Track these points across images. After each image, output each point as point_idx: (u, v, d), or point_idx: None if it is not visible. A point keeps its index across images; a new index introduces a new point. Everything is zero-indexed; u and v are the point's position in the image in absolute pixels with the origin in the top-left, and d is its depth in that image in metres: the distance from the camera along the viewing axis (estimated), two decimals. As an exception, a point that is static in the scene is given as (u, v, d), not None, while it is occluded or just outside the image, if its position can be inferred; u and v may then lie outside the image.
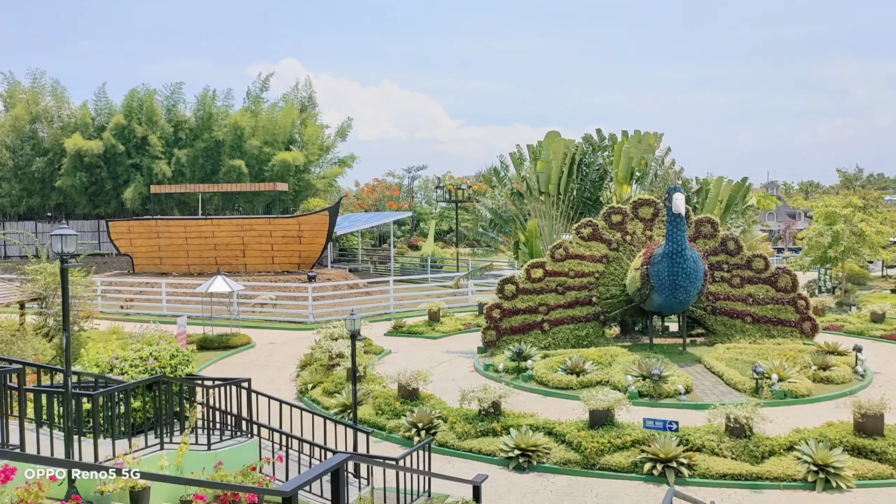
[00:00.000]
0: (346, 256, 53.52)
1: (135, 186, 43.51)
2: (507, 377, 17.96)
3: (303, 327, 27.10)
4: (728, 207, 23.48)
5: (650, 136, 23.06)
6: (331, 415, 14.64)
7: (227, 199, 46.28)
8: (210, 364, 20.94)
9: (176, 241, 36.18)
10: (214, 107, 46.00)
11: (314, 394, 16.64)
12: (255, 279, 33.30)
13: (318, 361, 18.64)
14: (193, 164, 44.53)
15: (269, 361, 21.44)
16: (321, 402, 16.02)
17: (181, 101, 46.90)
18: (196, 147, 44.63)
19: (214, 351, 22.51)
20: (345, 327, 15.90)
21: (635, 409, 14.03)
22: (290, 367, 20.11)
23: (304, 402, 16.47)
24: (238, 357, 22.13)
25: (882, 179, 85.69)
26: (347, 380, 16.50)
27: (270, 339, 25.02)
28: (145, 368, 11.71)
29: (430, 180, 76.81)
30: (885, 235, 32.79)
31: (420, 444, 10.86)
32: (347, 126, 51.73)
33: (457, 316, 27.75)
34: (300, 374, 18.38)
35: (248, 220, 37.00)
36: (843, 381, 16.80)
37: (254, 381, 16.28)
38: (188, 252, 36.28)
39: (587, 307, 20.77)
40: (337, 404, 15.37)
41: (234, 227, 36.08)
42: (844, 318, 24.81)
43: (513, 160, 25.01)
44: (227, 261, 35.80)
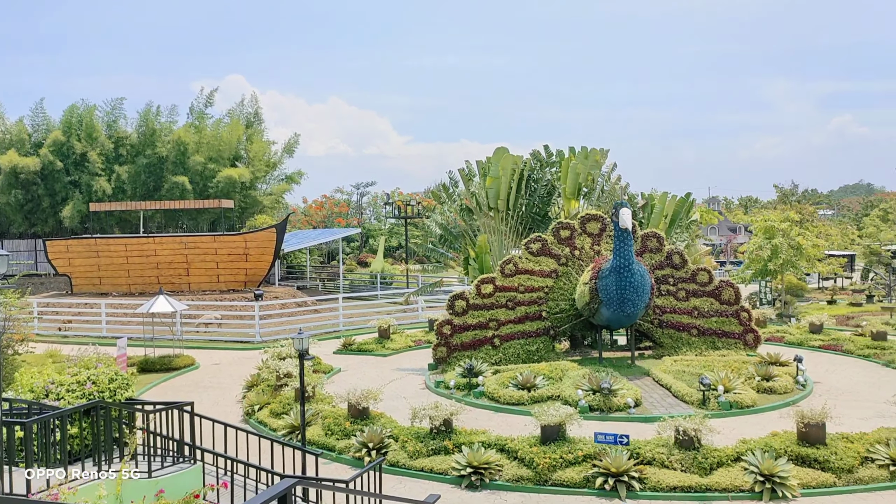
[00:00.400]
0: (294, 274, 52.80)
1: (73, 204, 42.18)
2: (459, 394, 17.85)
3: (249, 347, 26.53)
4: (673, 222, 23.93)
5: (596, 153, 23.38)
6: (278, 437, 14.31)
7: (171, 217, 45.22)
8: (152, 387, 20.28)
9: (116, 260, 35.11)
10: (157, 123, 45.01)
11: (261, 415, 16.23)
12: (200, 298, 32.51)
13: (266, 382, 18.22)
14: (135, 181, 43.41)
15: (213, 383, 20.88)
16: (268, 423, 15.62)
17: (122, 116, 45.81)
18: (138, 163, 43.54)
19: (156, 373, 21.82)
20: (293, 346, 15.58)
21: (586, 424, 14.07)
22: (236, 389, 19.62)
23: (251, 424, 16.05)
24: (181, 379, 21.49)
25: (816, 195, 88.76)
26: (295, 400, 16.15)
27: (215, 359, 24.40)
28: (83, 393, 11.24)
29: (379, 196, 76.55)
30: (820, 249, 33.90)
31: (371, 465, 10.64)
32: (295, 142, 51.23)
33: (407, 333, 27.56)
34: (246, 396, 17.92)
35: (192, 237, 36.16)
36: (785, 392, 17.19)
37: (198, 404, 15.80)
38: (129, 271, 35.24)
39: (537, 322, 20.84)
40: (285, 426, 15.01)
41: (178, 244, 35.21)
42: (785, 330, 25.48)
43: (462, 176, 25.06)
44: (169, 280, 34.89)
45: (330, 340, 27.20)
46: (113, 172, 43.24)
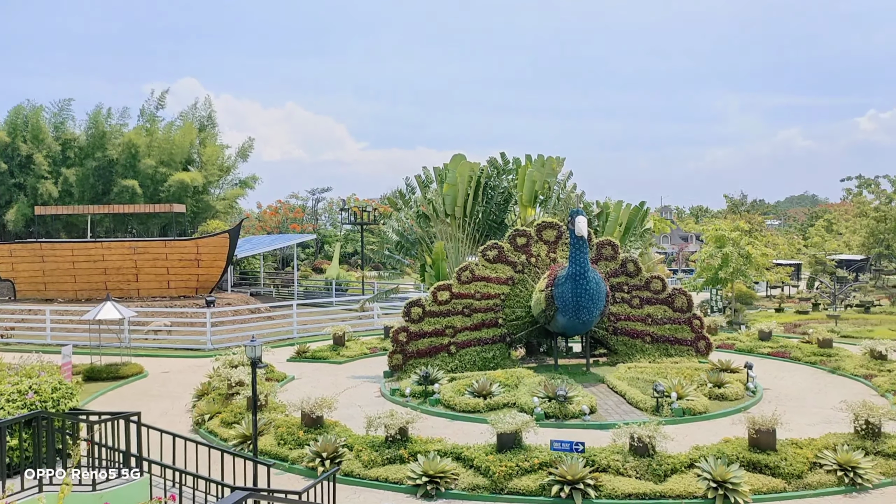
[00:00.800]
0: (247, 280, 51.96)
1: (18, 207, 40.85)
2: (414, 401, 17.70)
3: (200, 355, 25.94)
4: (627, 230, 24.21)
5: (553, 161, 23.54)
6: (229, 447, 13.98)
7: (120, 222, 44.09)
8: (98, 396, 19.65)
9: (62, 265, 34.06)
10: (107, 125, 43.89)
11: (211, 425, 15.84)
12: (149, 305, 31.74)
13: (217, 390, 17.81)
14: (83, 184, 42.23)
15: (162, 391, 20.34)
16: (219, 433, 15.25)
17: (70, 118, 44.58)
18: (86, 166, 42.38)
19: (103, 382, 21.15)
20: (245, 354, 15.25)
21: (542, 431, 14.05)
22: (186, 397, 19.13)
23: (201, 434, 15.65)
24: (129, 388, 20.88)
25: (763, 205, 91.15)
26: (247, 409, 15.81)
27: (165, 367, 23.79)
28: (24, 403, 10.76)
29: (334, 202, 75.93)
30: (769, 258, 34.71)
31: (324, 476, 10.45)
32: (249, 146, 50.50)
33: (362, 340, 27.30)
34: (196, 405, 17.48)
35: (142, 242, 35.30)
36: (736, 398, 17.47)
37: (146, 413, 15.35)
38: (75, 277, 34.21)
39: (493, 329, 20.83)
40: (236, 435, 14.66)
41: (127, 250, 34.33)
42: (735, 337, 25.96)
43: (419, 182, 24.96)
44: (118, 286, 33.98)
45: (284, 348, 26.77)
46: (60, 175, 42.01)
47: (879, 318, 33.22)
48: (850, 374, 20.45)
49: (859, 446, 12.76)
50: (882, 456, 12.66)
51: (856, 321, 31.69)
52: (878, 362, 20.70)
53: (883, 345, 21.32)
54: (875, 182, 53.10)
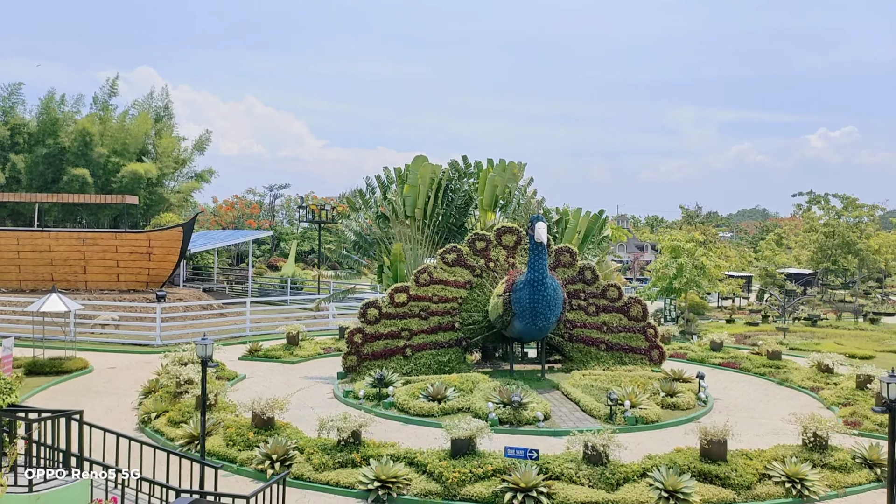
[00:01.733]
0: (200, 275, 50.98)
1: (-40, 193, 39.34)
2: (368, 404, 17.47)
3: (149, 351, 25.28)
4: (586, 238, 24.35)
5: (514, 166, 23.55)
6: (176, 447, 13.58)
7: (69, 211, 42.83)
8: (39, 391, 18.95)
9: (6, 254, 32.82)
10: (60, 111, 42.61)
11: (158, 424, 15.38)
12: (97, 297, 30.81)
13: (165, 388, 17.32)
14: (32, 172, 40.93)
15: (108, 388, 19.72)
16: (166, 433, 14.81)
17: (20, 103, 43.17)
18: (36, 153, 41.06)
19: (45, 376, 20.42)
20: (196, 351, 14.85)
21: (497, 437, 13.99)
22: (132, 395, 18.58)
23: (147, 433, 15.19)
24: (73, 383, 20.19)
25: (717, 217, 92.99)
26: (196, 408, 15.39)
27: (111, 363, 23.10)
28: (-43, 398, 10.26)
29: (292, 199, 75.18)
30: (722, 269, 35.35)
31: (274, 479, 10.20)
32: (206, 139, 49.61)
33: (317, 340, 26.94)
34: (143, 403, 16.96)
35: (92, 233, 34.25)
36: (688, 407, 17.65)
37: (90, 410, 14.85)
38: (20, 267, 33.02)
39: (450, 333, 20.72)
40: (183, 435, 14.25)
41: (75, 240, 33.26)
42: (687, 347, 26.32)
43: (379, 183, 24.74)
44: (65, 277, 32.90)
45: (236, 346, 26.25)
46: (7, 161, 40.62)
47: (826, 331, 34.08)
48: (797, 387, 20.86)
49: (807, 458, 12.97)
50: (829, 468, 12.88)
51: (803, 334, 32.45)
52: (825, 375, 21.16)
53: (830, 358, 21.82)
54: (825, 198, 54.64)
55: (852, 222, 51.69)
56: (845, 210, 52.60)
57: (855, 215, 52.01)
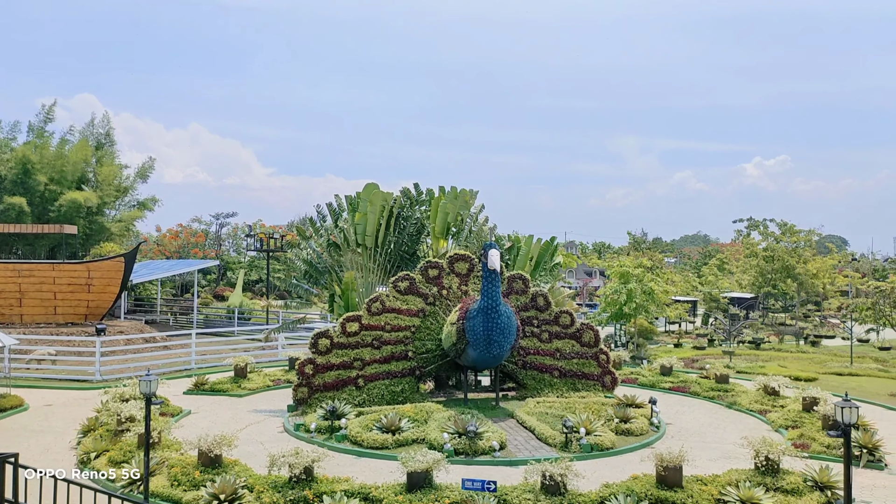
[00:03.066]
0: (142, 307, 49.51)
1: None
2: (320, 437, 17.01)
3: (88, 387, 24.24)
4: (538, 265, 24.45)
5: (466, 193, 23.56)
6: (117, 489, 12.93)
7: (3, 242, 41.14)
8: (-32, 432, 17.92)
9: (-66, 286, 31.33)
10: (-6, 138, 41.16)
11: (98, 464, 14.65)
12: (33, 331, 29.57)
13: (105, 426, 16.56)
14: (-37, 200, 39.25)
15: (44, 426, 18.76)
16: (107, 473, 14.09)
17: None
18: (-33, 181, 39.45)
19: (-25, 416, 19.36)
20: (138, 387, 14.27)
21: (453, 469, 13.72)
22: (71, 434, 17.71)
23: (86, 474, 14.45)
24: (7, 422, 19.16)
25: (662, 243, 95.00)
26: (139, 447, 14.73)
27: (48, 400, 22.04)
28: None
29: (239, 228, 73.91)
30: (669, 294, 35.94)
31: (223, 521, 9.74)
32: (149, 167, 48.46)
33: (266, 372, 26.25)
34: (82, 442, 16.16)
35: (28, 265, 32.98)
36: (641, 433, 17.68)
37: (26, 451, 14.09)
38: (-51, 300, 31.53)
39: (403, 362, 20.43)
40: (126, 476, 13.58)
41: (10, 272, 31.96)
42: (638, 372, 26.54)
43: (330, 210, 24.44)
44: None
45: (180, 379, 25.39)
46: (-64, 190, 38.93)
47: (769, 354, 34.85)
48: (745, 410, 21.15)
49: (760, 482, 13.05)
50: (781, 492, 12.98)
51: (748, 357, 33.11)
52: (772, 398, 21.52)
53: (776, 381, 22.22)
54: (764, 224, 56.32)
55: (790, 247, 53.31)
56: (783, 235, 54.27)
57: (793, 240, 53.68)
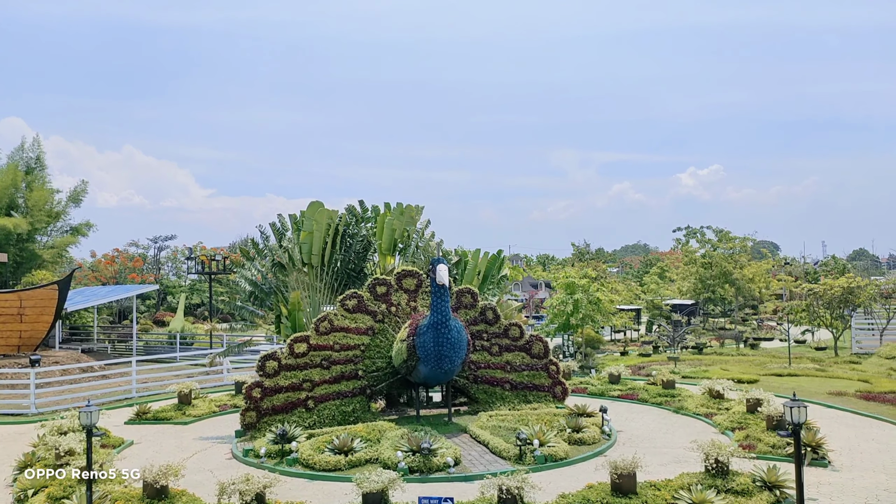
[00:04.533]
0: (78, 335, 47.71)
1: None
2: (270, 462, 16.60)
3: (23, 420, 23.20)
4: (486, 279, 24.51)
5: (412, 209, 23.50)
6: (57, 527, 12.34)
7: (-73, 272, 39.28)
8: None
9: None
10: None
11: (36, 501, 13.94)
12: (-39, 366, 28.13)
13: (43, 461, 15.81)
14: None
15: (-25, 465, 17.83)
16: (45, 511, 13.45)
17: None
18: None
19: None
20: (78, 420, 13.67)
21: (409, 487, 13.54)
22: (6, 470, 16.88)
23: (23, 513, 13.76)
24: (-67, 463, 18.14)
25: (604, 254, 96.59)
26: (80, 482, 14.10)
27: (-21, 437, 20.99)
28: None
29: (179, 251, 72.16)
30: (614, 303, 36.50)
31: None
32: (82, 190, 47.02)
33: (211, 397, 25.56)
34: (18, 479, 15.40)
35: (-46, 295, 31.47)
36: (593, 442, 17.81)
37: (-47, 495, 13.28)
38: None
39: (353, 381, 20.15)
40: (66, 513, 12.97)
41: (-65, 304, 30.44)
42: (587, 381, 26.79)
43: (274, 230, 24.05)
44: (-78, 345, 29.97)
45: (121, 409, 24.53)
46: None
47: (712, 358, 35.65)
48: (692, 414, 21.55)
49: (711, 485, 13.27)
50: (732, 493, 13.21)
51: (692, 361, 33.81)
52: (717, 401, 21.98)
53: (720, 384, 22.72)
54: (701, 232, 57.87)
55: (727, 253, 54.86)
56: (720, 242, 55.84)
57: (729, 247, 55.26)
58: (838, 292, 37.50)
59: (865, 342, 38.37)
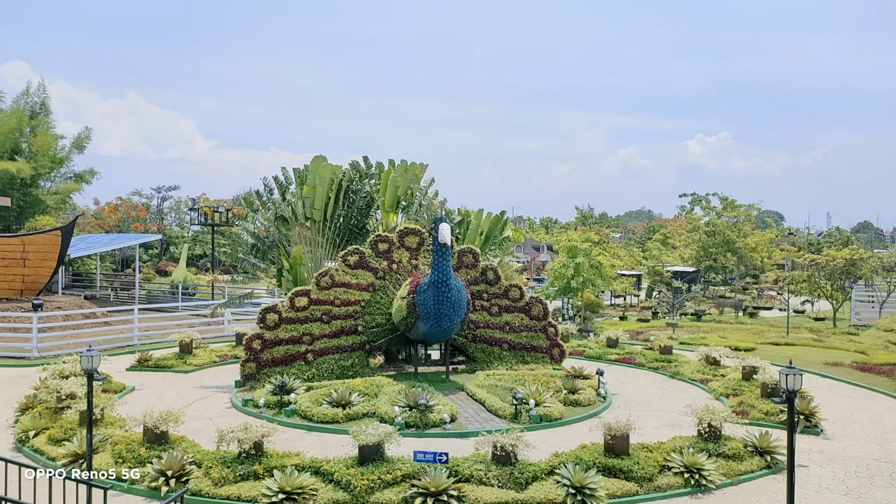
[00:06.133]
0: (81, 282, 47.99)
1: None
2: (269, 413, 16.83)
3: (25, 364, 23.48)
4: (488, 239, 24.49)
5: (416, 166, 23.39)
6: (58, 467, 12.57)
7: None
8: None
9: None
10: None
11: (37, 443, 14.21)
12: (-36, 308, 28.37)
13: (44, 404, 16.05)
14: None
15: (-22, 406, 18.10)
16: (46, 452, 13.70)
17: None
18: None
19: None
20: (79, 364, 13.82)
21: (405, 441, 13.74)
22: (8, 412, 17.14)
23: (25, 453, 14.02)
24: (-63, 402, 18.42)
25: (608, 219, 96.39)
26: (80, 424, 14.34)
27: (-18, 378, 21.27)
28: None
29: (182, 202, 72.12)
30: (615, 269, 36.54)
31: (174, 496, 9.55)
32: (86, 137, 46.79)
33: (212, 347, 25.81)
34: (20, 420, 15.66)
35: (-42, 238, 31.57)
36: (589, 404, 18.01)
37: (-44, 433, 13.51)
38: None
39: (353, 336, 20.31)
40: (67, 454, 13.20)
41: (-62, 246, 30.56)
42: (585, 344, 26.99)
43: (277, 184, 23.97)
44: (-74, 286, 30.17)
45: (123, 356, 24.79)
46: None
47: (710, 325, 35.83)
48: (688, 379, 21.74)
49: (703, 449, 13.45)
50: (723, 457, 13.41)
51: (690, 328, 33.98)
52: (713, 368, 22.16)
53: (716, 351, 22.88)
54: (706, 199, 57.62)
55: (731, 222, 54.72)
56: (724, 210, 55.65)
57: (733, 215, 55.09)
58: (840, 264, 37.50)
59: (864, 314, 38.50)
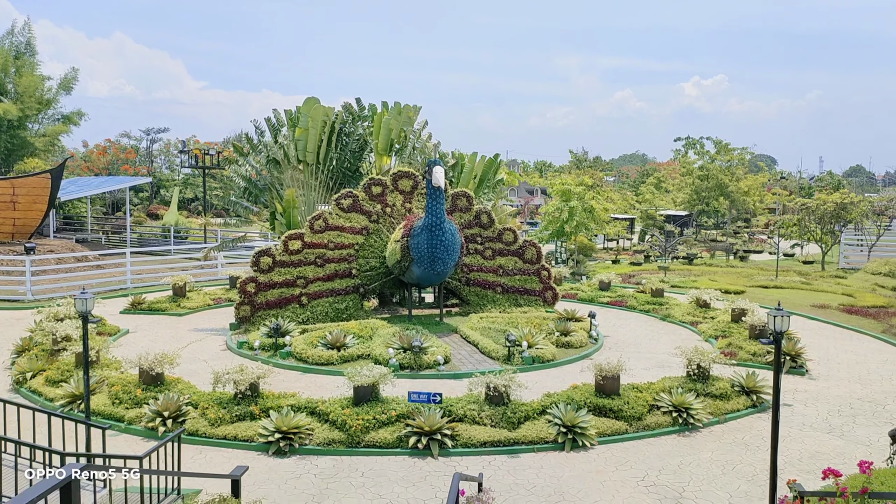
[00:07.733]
0: (72, 225, 47.76)
1: None
2: (264, 355, 17.00)
3: (20, 306, 23.53)
4: (482, 182, 24.38)
5: (409, 109, 23.08)
6: (56, 408, 12.74)
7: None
8: None
9: None
10: None
11: (35, 384, 14.36)
12: (-44, 251, 28.24)
13: (40, 346, 16.15)
14: None
15: (-26, 348, 18.20)
16: (44, 393, 13.86)
17: None
18: None
19: None
20: (74, 306, 13.83)
21: (399, 383, 13.95)
22: (4, 354, 17.27)
23: (22, 394, 14.18)
24: (-68, 344, 18.51)
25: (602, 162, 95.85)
26: (76, 366, 14.46)
27: (-24, 321, 21.33)
28: None
29: (172, 144, 71.26)
30: (608, 212, 36.54)
31: (171, 436, 9.69)
32: (73, 78, 45.90)
33: (206, 291, 25.89)
34: (17, 362, 15.80)
35: (-55, 181, 31.20)
36: (581, 345, 18.25)
37: (-47, 375, 13.61)
38: None
39: (347, 280, 20.38)
40: (64, 395, 13.37)
41: (-74, 189, 30.23)
42: (578, 287, 27.17)
43: (269, 126, 23.67)
44: (-84, 229, 29.97)
45: (116, 299, 24.85)
46: None
47: (701, 269, 36.08)
48: (678, 322, 21.99)
49: (691, 389, 13.71)
50: (710, 397, 13.68)
51: (681, 272, 34.21)
52: (703, 310, 22.41)
53: (707, 294, 23.10)
54: (700, 143, 57.29)
55: (724, 166, 54.54)
56: (718, 154, 55.39)
57: (727, 159, 54.86)
58: (831, 208, 37.59)
59: (853, 258, 38.81)
